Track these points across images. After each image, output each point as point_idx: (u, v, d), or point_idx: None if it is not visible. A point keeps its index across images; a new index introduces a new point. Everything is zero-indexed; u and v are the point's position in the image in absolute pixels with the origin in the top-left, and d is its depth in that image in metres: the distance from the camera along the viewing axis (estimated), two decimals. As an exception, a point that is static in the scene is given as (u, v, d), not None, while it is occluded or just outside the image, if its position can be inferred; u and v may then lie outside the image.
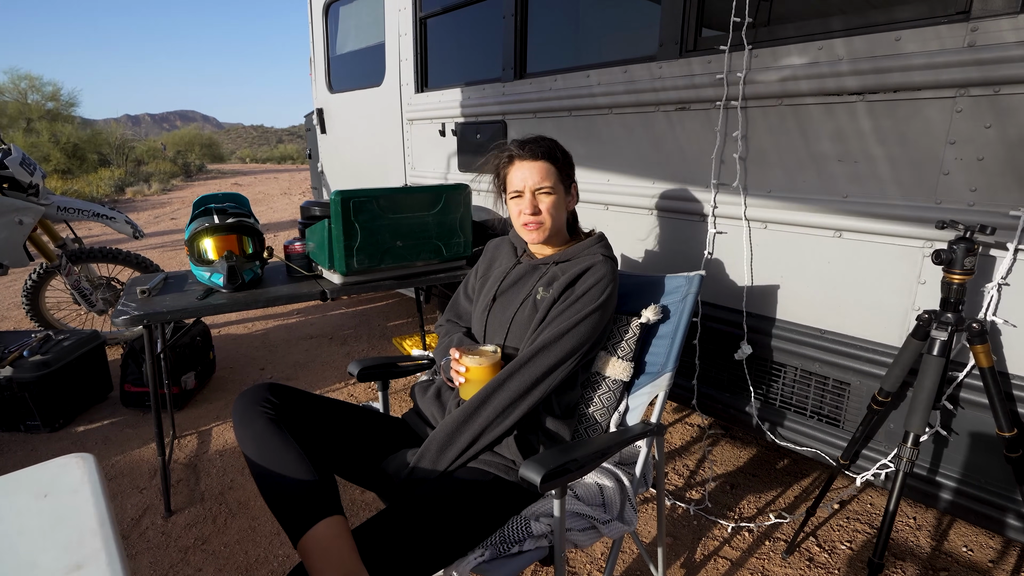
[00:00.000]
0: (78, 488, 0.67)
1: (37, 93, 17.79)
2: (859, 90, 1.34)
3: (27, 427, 2.34)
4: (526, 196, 1.26)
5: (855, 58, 1.33)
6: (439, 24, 2.66)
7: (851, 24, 1.35)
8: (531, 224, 1.27)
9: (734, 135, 1.58)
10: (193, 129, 33.79)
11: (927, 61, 1.22)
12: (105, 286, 3.16)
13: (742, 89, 1.52)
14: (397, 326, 3.64)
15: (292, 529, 0.92)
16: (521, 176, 1.26)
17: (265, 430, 1.03)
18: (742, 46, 1.51)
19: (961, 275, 1.15)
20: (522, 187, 1.26)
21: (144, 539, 1.72)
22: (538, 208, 1.26)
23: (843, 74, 1.35)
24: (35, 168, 2.85)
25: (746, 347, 1.64)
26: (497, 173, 1.33)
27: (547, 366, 1.15)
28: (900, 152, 1.31)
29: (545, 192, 1.26)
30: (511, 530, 1.06)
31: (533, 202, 1.26)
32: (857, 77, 1.33)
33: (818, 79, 1.39)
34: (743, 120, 1.56)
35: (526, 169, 1.26)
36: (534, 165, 1.26)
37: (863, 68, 1.31)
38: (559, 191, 1.28)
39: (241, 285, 1.80)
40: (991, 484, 1.29)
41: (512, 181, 1.28)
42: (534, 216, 1.26)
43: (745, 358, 1.66)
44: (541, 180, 1.25)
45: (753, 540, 1.69)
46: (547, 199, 1.26)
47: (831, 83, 1.37)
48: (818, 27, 1.40)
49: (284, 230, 7.52)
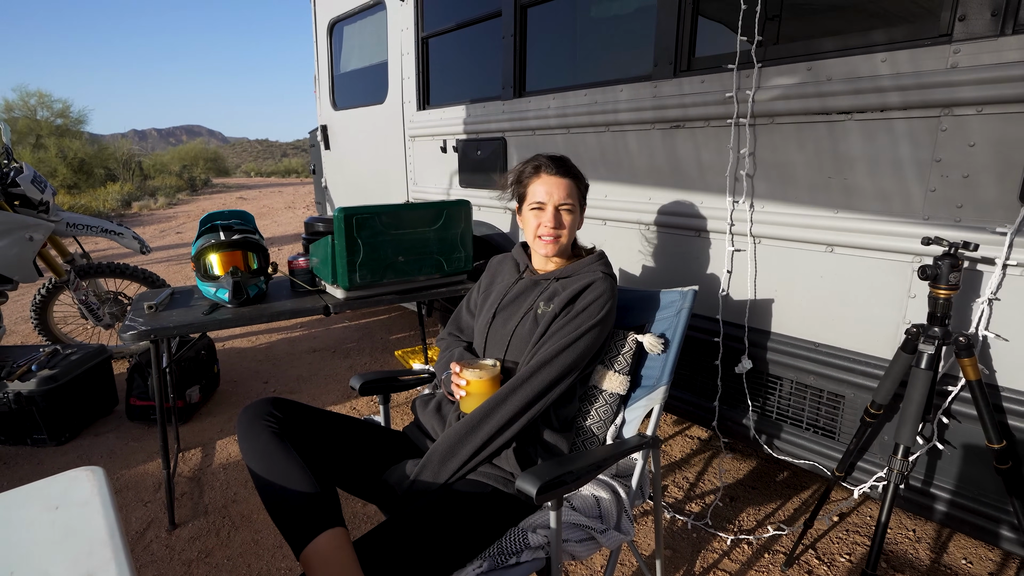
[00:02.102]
0: (88, 500, 0.69)
1: (47, 110, 18.08)
2: (848, 109, 1.37)
3: (34, 440, 2.36)
4: (548, 209, 1.30)
5: (841, 79, 1.37)
6: (440, 44, 2.72)
7: (836, 46, 1.39)
8: (549, 237, 1.31)
9: (723, 153, 1.62)
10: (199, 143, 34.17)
11: (913, 82, 1.26)
12: (112, 301, 3.21)
13: (737, 108, 1.56)
14: (400, 339, 3.67)
15: (294, 541, 0.94)
16: (547, 189, 1.31)
17: (269, 443, 1.05)
18: (746, 65, 1.55)
19: (947, 290, 1.17)
20: (546, 200, 1.31)
21: (148, 552, 1.74)
22: (561, 222, 1.31)
23: (833, 94, 1.38)
24: (46, 186, 2.91)
25: (746, 361, 1.67)
26: (519, 181, 1.37)
27: (547, 381, 1.17)
28: (890, 170, 1.34)
29: (567, 209, 1.31)
30: (508, 541, 1.07)
31: (556, 216, 1.30)
32: (847, 97, 1.36)
33: (806, 99, 1.43)
34: (737, 138, 1.59)
35: (553, 184, 1.31)
36: (562, 182, 1.31)
37: (848, 89, 1.35)
38: (577, 211, 1.34)
39: (246, 300, 1.84)
40: (985, 496, 1.31)
41: (535, 192, 1.32)
42: (555, 229, 1.31)
43: (745, 372, 1.68)
44: (566, 197, 1.31)
45: (752, 553, 1.70)
46: (568, 216, 1.32)
47: (819, 103, 1.41)
48: (805, 49, 1.44)
49: (288, 244, 7.59)
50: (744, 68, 1.53)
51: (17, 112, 17.53)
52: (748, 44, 1.51)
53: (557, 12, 2.17)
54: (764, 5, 1.48)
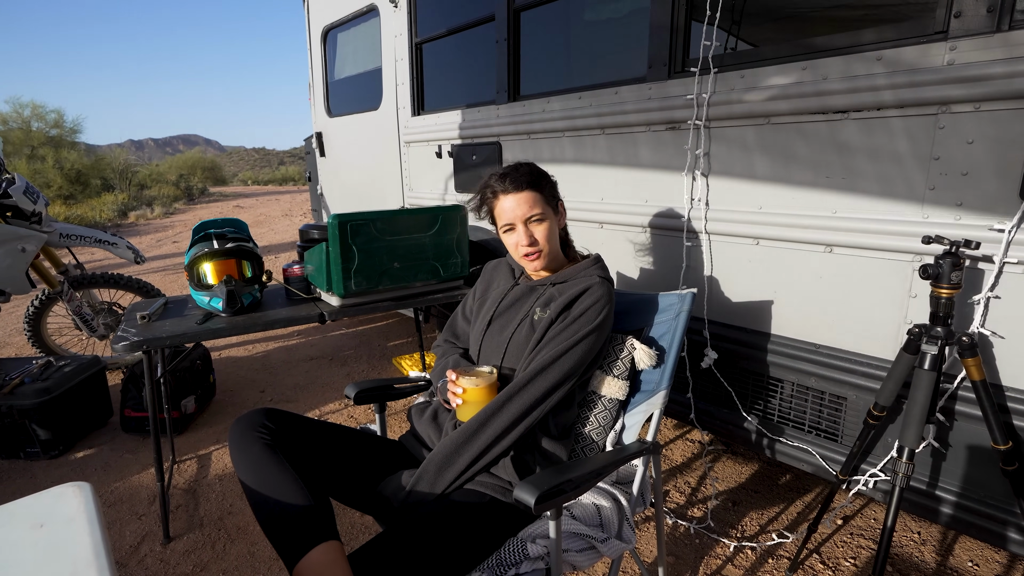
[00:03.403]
0: (74, 518, 0.67)
1: (41, 121, 18.05)
2: (845, 108, 1.36)
3: (27, 454, 2.33)
4: (519, 228, 1.28)
5: (837, 78, 1.36)
6: (434, 49, 2.72)
7: (832, 45, 1.38)
8: (531, 254, 1.29)
9: (719, 153, 1.61)
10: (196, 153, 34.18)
11: (909, 80, 1.25)
12: (106, 311, 3.18)
13: (727, 109, 1.55)
14: (397, 346, 3.65)
15: (287, 555, 0.92)
16: (510, 209, 1.27)
17: (261, 455, 1.03)
18: (725, 68, 1.54)
19: (948, 289, 1.16)
20: (513, 219, 1.28)
21: (143, 566, 1.71)
22: (534, 238, 1.28)
23: (828, 93, 1.37)
24: (38, 196, 2.89)
25: (711, 353, 1.70)
26: (482, 206, 1.34)
27: (545, 387, 1.15)
28: (888, 168, 1.33)
29: (536, 220, 1.28)
30: (507, 552, 1.05)
31: (528, 232, 1.27)
32: (842, 96, 1.35)
33: (802, 99, 1.42)
34: (728, 139, 1.58)
35: (512, 201, 1.27)
36: (519, 196, 1.27)
37: (845, 87, 1.34)
38: (549, 215, 1.30)
39: (240, 309, 1.82)
40: (991, 498, 1.29)
41: (501, 215, 1.30)
42: (532, 247, 1.28)
43: (711, 364, 1.70)
44: (530, 209, 1.27)
45: (756, 558, 1.68)
46: (539, 227, 1.28)
47: (815, 102, 1.40)
48: (802, 48, 1.43)
49: (285, 251, 7.57)
50: (723, 71, 1.52)
51: (12, 124, 17.50)
52: (733, 45, 1.50)
53: (550, 16, 2.16)
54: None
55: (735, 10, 1.54)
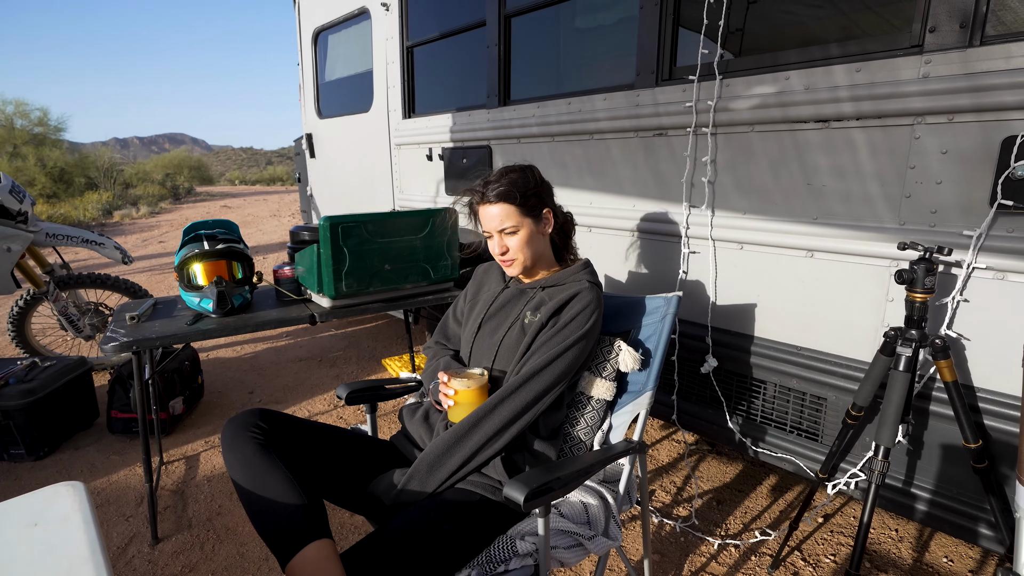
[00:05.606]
0: (68, 516, 0.67)
1: (24, 119, 17.75)
2: (824, 118, 1.41)
3: (11, 455, 2.31)
4: (495, 238, 1.32)
5: (818, 88, 1.40)
6: (425, 52, 2.73)
7: (814, 56, 1.42)
8: (506, 262, 1.33)
9: (704, 160, 1.65)
10: (182, 151, 33.81)
11: (888, 91, 1.29)
12: (93, 312, 3.15)
13: (713, 117, 1.59)
14: (387, 347, 3.65)
15: (280, 553, 0.93)
16: (487, 219, 1.31)
17: (254, 455, 1.05)
18: (712, 76, 1.58)
19: (923, 294, 1.20)
20: (489, 229, 1.32)
21: (131, 568, 1.71)
22: (506, 247, 1.31)
23: (812, 103, 1.42)
24: (24, 196, 2.86)
25: (712, 360, 1.71)
26: (473, 213, 1.38)
27: (535, 393, 1.18)
28: (867, 176, 1.37)
29: (509, 232, 1.30)
30: (497, 549, 1.07)
31: (502, 243, 1.31)
32: (825, 105, 1.40)
33: (784, 108, 1.46)
34: (713, 145, 1.62)
35: (488, 213, 1.31)
36: (492, 208, 1.30)
37: (826, 97, 1.38)
38: (526, 225, 1.30)
39: (230, 310, 1.82)
40: (964, 495, 1.33)
41: (482, 222, 1.34)
42: (503, 256, 1.32)
43: (711, 371, 1.72)
44: (502, 222, 1.29)
45: (739, 555, 1.72)
46: (512, 238, 1.30)
47: (797, 111, 1.44)
48: (784, 59, 1.47)
49: (273, 252, 7.53)
50: (710, 79, 1.56)
51: (-5, 122, 17.22)
52: (721, 55, 1.54)
53: (541, 22, 2.19)
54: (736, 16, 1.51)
55: (727, 17, 1.58)
